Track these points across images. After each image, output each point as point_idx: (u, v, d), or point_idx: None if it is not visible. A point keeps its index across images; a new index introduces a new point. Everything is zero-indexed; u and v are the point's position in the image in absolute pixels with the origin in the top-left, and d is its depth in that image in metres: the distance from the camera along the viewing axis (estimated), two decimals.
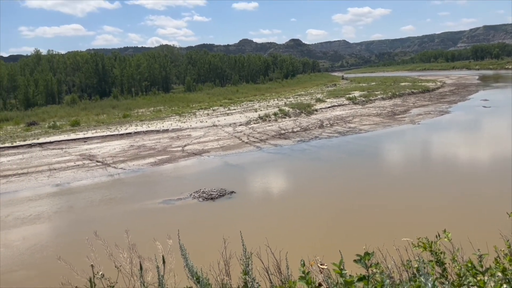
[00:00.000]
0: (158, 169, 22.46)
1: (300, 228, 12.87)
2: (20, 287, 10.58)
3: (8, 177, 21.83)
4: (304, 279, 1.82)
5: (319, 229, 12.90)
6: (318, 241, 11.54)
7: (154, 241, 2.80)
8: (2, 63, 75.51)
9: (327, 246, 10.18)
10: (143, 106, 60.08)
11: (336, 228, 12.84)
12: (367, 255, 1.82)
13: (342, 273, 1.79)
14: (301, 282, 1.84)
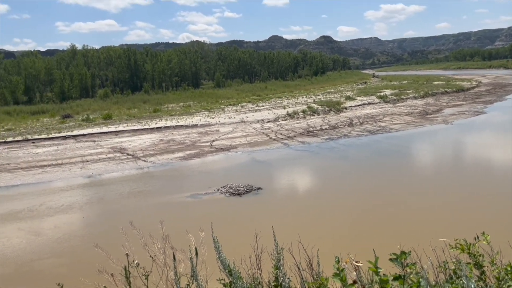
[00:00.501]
0: (187, 163, 22.73)
1: (329, 226, 12.76)
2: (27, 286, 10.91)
3: (43, 168, 22.59)
4: (339, 276, 1.79)
5: (348, 227, 12.75)
6: (348, 239, 11.41)
7: (187, 233, 2.82)
8: (40, 57, 78.13)
9: (356, 244, 10.05)
10: (173, 101, 60.92)
11: (366, 227, 12.65)
12: (403, 254, 1.77)
13: (377, 272, 1.74)
14: (335, 279, 1.81)
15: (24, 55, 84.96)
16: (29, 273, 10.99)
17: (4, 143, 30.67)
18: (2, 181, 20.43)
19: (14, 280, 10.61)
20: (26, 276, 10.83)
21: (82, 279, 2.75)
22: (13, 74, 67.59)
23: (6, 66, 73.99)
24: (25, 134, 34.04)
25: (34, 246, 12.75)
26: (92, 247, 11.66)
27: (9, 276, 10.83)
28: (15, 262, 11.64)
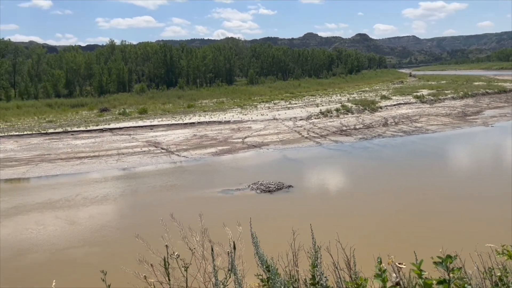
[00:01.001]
0: (219, 159, 22.93)
1: (363, 226, 12.55)
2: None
3: (81, 159, 23.36)
4: (380, 277, 1.75)
5: (382, 229, 12.50)
6: (383, 240, 11.18)
7: (224, 226, 2.84)
8: (80, 52, 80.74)
9: (391, 246, 9.84)
10: (207, 97, 61.57)
11: (401, 230, 12.37)
12: (448, 258, 1.70)
13: (421, 274, 1.69)
14: (377, 280, 1.77)
15: (65, 50, 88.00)
16: (63, 261, 11.37)
17: (46, 134, 31.91)
18: (43, 170, 21.27)
19: (48, 267, 11.02)
20: (60, 264, 11.21)
21: (124, 268, 2.81)
22: (55, 68, 70.17)
23: (49, 60, 76.90)
24: (65, 126, 35.29)
25: (68, 234, 13.20)
26: (125, 237, 12.02)
27: (45, 263, 11.26)
28: (50, 249, 12.10)
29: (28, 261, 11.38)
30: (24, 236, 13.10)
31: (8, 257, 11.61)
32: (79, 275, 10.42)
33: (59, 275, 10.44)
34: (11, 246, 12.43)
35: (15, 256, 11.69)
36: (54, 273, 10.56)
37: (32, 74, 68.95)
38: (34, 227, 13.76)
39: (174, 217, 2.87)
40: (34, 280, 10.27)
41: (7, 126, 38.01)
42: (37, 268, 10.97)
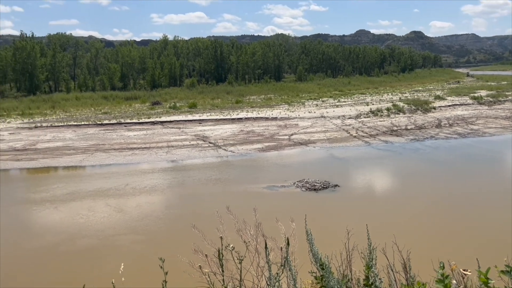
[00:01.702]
0: (264, 155, 22.99)
1: (416, 230, 12.13)
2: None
3: (133, 150, 24.24)
4: (442, 283, 1.66)
5: (437, 234, 12.01)
6: (438, 246, 10.74)
7: (277, 221, 2.83)
8: (135, 47, 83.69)
9: (449, 252, 9.45)
10: (255, 93, 61.87)
11: (457, 236, 11.84)
12: None
13: (488, 282, 1.59)
14: (438, 285, 1.68)
15: (121, 45, 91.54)
16: (109, 247, 11.85)
17: (101, 125, 33.41)
18: (98, 160, 22.29)
19: (97, 252, 11.52)
20: (106, 249, 11.70)
21: (180, 257, 2.87)
22: (112, 62, 73.17)
23: (106, 54, 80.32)
24: (119, 118, 36.77)
25: (116, 222, 13.74)
26: (170, 227, 12.31)
27: (92, 248, 11.79)
28: (98, 235, 12.66)
29: (77, 245, 11.97)
30: (76, 221, 13.80)
31: (60, 241, 12.29)
32: (123, 261, 10.83)
33: (104, 261, 10.90)
34: (64, 230, 13.15)
35: (66, 240, 12.35)
36: (100, 259, 11.05)
37: (90, 67, 72.31)
38: (86, 213, 14.46)
39: (230, 210, 2.90)
40: (81, 264, 10.79)
41: (66, 116, 40.17)
42: (85, 253, 11.51)
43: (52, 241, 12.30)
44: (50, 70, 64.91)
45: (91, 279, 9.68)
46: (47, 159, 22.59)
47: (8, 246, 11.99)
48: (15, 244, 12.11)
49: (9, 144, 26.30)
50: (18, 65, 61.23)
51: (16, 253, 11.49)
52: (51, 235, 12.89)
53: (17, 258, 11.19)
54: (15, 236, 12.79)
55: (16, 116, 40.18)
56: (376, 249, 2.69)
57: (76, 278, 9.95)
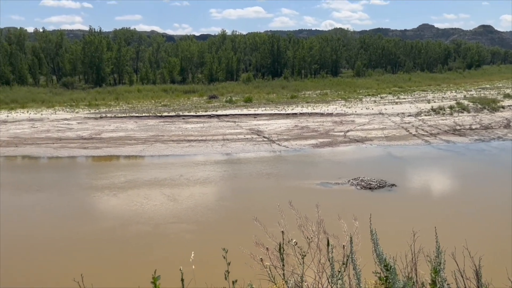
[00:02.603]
0: (319, 151, 22.77)
1: (483, 235, 11.48)
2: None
3: (190, 142, 24.95)
4: None
5: (509, 240, 11.32)
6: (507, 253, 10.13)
7: (339, 218, 2.82)
8: (194, 41, 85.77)
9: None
10: (311, 88, 61.27)
11: None
12: None
13: None
14: None
15: (181, 39, 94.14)
16: (161, 234, 12.30)
17: (161, 117, 34.68)
18: (157, 150, 23.19)
19: (150, 238, 12.00)
20: (157, 236, 12.15)
21: (241, 248, 2.94)
22: (172, 56, 75.55)
23: (166, 49, 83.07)
24: (177, 111, 37.96)
25: (169, 210, 14.22)
26: (220, 219, 12.52)
27: (145, 234, 12.29)
28: (151, 222, 13.18)
29: (132, 230, 12.57)
30: (132, 208, 14.49)
31: (117, 225, 12.97)
32: (173, 249, 11.22)
33: (154, 248, 11.34)
34: (121, 215, 13.87)
35: (122, 225, 13.02)
36: (150, 245, 11.49)
37: (152, 61, 75.13)
38: (141, 201, 15.12)
39: (292, 205, 2.92)
40: (133, 249, 11.29)
41: (129, 107, 42.08)
42: (138, 238, 12.05)
43: (110, 225, 13.02)
44: (115, 64, 68.26)
45: (140, 264, 10.15)
46: (110, 148, 23.83)
47: (71, 228, 12.83)
48: (78, 226, 12.93)
49: (77, 133, 28.05)
50: (87, 59, 64.97)
51: (77, 235, 12.26)
52: (109, 220, 13.65)
53: (78, 240, 11.95)
54: (78, 219, 13.66)
55: (84, 107, 42.70)
56: (444, 252, 2.59)
57: (127, 262, 10.46)
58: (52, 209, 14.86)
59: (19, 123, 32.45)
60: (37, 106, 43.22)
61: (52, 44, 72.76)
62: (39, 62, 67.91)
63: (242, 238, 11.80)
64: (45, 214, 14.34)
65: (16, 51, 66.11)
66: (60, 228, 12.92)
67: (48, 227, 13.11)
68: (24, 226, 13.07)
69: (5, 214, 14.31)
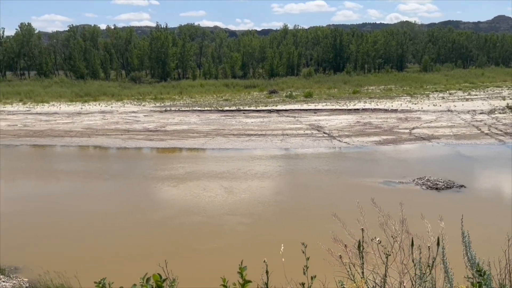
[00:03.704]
0: (382, 148, 22.02)
1: None
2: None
3: (250, 136, 25.17)
4: None
5: None
6: None
7: (423, 218, 2.68)
8: (256, 36, 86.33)
9: None
10: (374, 83, 59.44)
11: None
12: None
13: None
14: None
15: (243, 34, 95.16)
16: (216, 225, 12.50)
17: (222, 111, 35.33)
18: (218, 143, 23.65)
19: (204, 228, 12.23)
20: (212, 227, 12.38)
21: (319, 243, 2.88)
22: (234, 51, 76.65)
23: (229, 44, 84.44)
24: (238, 105, 38.47)
25: (225, 203, 14.40)
26: (274, 213, 12.44)
27: (201, 224, 12.56)
28: (207, 213, 13.45)
29: (189, 220, 12.92)
30: (190, 199, 14.91)
31: (175, 215, 13.41)
32: (225, 240, 11.37)
33: (208, 238, 11.54)
34: (179, 205, 14.33)
35: (180, 215, 13.43)
36: (205, 235, 11.71)
37: (214, 56, 76.72)
38: (199, 192, 15.50)
39: (375, 203, 2.81)
40: (189, 239, 11.56)
41: (192, 101, 43.32)
42: (194, 228, 12.35)
43: (169, 214, 13.49)
44: (180, 59, 70.52)
45: (194, 253, 10.39)
46: (174, 140, 24.67)
47: (133, 215, 13.44)
48: (139, 214, 13.52)
49: (143, 125, 29.34)
50: (153, 54, 67.72)
51: (139, 222, 12.82)
52: (168, 209, 14.15)
53: (139, 227, 12.48)
54: (140, 207, 14.28)
55: (150, 100, 44.57)
56: None
57: (181, 249, 10.73)
58: (118, 197, 15.67)
59: (92, 115, 34.55)
60: (108, 99, 45.80)
61: (122, 40, 76.65)
62: (110, 58, 71.88)
63: (296, 233, 11.78)
64: (113, 200, 15.16)
65: (90, 47, 70.43)
66: (124, 214, 13.58)
67: (114, 213, 13.83)
68: (94, 210, 13.90)
69: (80, 199, 15.32)
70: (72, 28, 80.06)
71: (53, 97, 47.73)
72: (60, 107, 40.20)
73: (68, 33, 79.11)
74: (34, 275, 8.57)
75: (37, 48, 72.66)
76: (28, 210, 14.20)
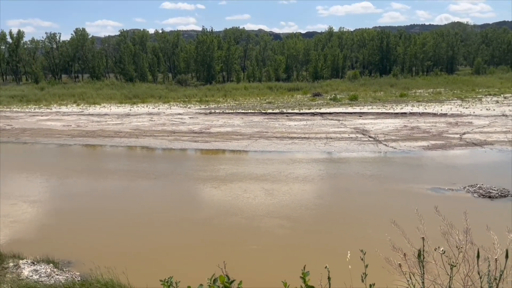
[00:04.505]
0: (430, 153, 21.26)
1: None
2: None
3: (293, 139, 25.10)
4: None
5: None
6: None
7: (488, 229, 2.59)
8: (300, 39, 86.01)
9: None
10: (422, 86, 57.57)
11: None
12: None
13: None
14: None
15: (288, 37, 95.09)
16: (254, 227, 12.48)
17: (265, 114, 35.47)
18: (261, 146, 23.75)
19: (243, 229, 12.25)
20: (251, 228, 12.38)
21: (378, 251, 2.85)
22: (278, 54, 76.75)
23: (273, 47, 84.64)
24: (281, 108, 38.46)
25: (264, 205, 14.36)
26: (314, 217, 12.26)
27: (239, 226, 12.58)
28: (245, 214, 13.44)
29: (227, 221, 13.01)
30: (230, 200, 15.03)
31: (215, 215, 13.55)
32: (261, 242, 11.36)
33: (247, 239, 11.56)
34: (219, 206, 14.49)
35: (219, 215, 13.56)
36: (243, 236, 11.74)
37: (258, 59, 77.17)
38: (239, 194, 15.59)
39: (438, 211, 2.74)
40: (226, 239, 11.63)
41: (235, 104, 43.79)
42: (232, 228, 12.42)
43: (208, 215, 13.67)
44: (224, 62, 71.54)
45: (232, 254, 10.45)
46: (218, 142, 25.03)
47: (176, 214, 13.74)
48: (181, 212, 13.81)
49: (189, 127, 29.99)
50: (199, 57, 69.13)
51: (181, 221, 13.09)
52: (208, 209, 14.34)
53: (181, 225, 12.74)
54: (182, 206, 14.58)
55: (195, 102, 45.51)
56: None
57: (219, 251, 10.82)
58: (163, 196, 16.10)
59: (140, 117, 35.74)
60: (155, 101, 47.21)
61: (169, 44, 78.81)
62: (157, 61, 74.11)
63: (335, 239, 11.60)
64: (158, 199, 15.59)
65: (139, 51, 72.95)
66: (167, 213, 13.93)
67: (159, 211, 14.21)
68: (141, 209, 14.35)
69: (128, 197, 15.90)
70: (122, 32, 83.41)
71: (104, 99, 49.86)
72: (111, 108, 41.89)
73: (119, 38, 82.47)
74: (86, 269, 8.96)
75: (90, 52, 76.19)
76: (81, 207, 14.89)
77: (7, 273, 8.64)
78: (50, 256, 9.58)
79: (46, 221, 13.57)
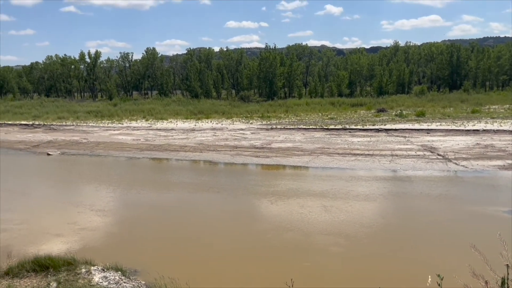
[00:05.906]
0: (506, 173, 19.77)
1: None
2: None
3: (356, 156, 24.52)
4: None
5: None
6: None
7: None
8: (364, 54, 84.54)
9: None
10: (497, 102, 53.90)
11: None
12: None
13: None
14: None
15: (351, 52, 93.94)
16: (310, 244, 12.27)
17: (327, 130, 35.06)
18: (322, 162, 23.47)
19: (298, 246, 12.02)
20: (306, 245, 12.16)
21: (456, 277, 2.72)
22: (341, 70, 75.89)
23: (336, 62, 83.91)
24: (344, 124, 37.82)
25: (321, 222, 14.06)
26: (377, 238, 11.79)
27: (296, 241, 12.35)
28: (302, 231, 13.19)
29: (282, 237, 12.91)
30: (286, 215, 14.97)
31: (269, 230, 13.52)
32: (314, 260, 11.08)
33: (303, 257, 11.31)
34: (274, 221, 14.44)
35: (274, 229, 13.54)
36: (299, 253, 11.51)
37: (321, 74, 76.75)
38: (296, 210, 15.44)
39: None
40: (282, 254, 11.45)
41: (297, 120, 43.75)
42: (287, 244, 12.25)
43: (263, 228, 13.65)
44: (287, 78, 71.98)
45: (285, 270, 10.26)
46: (279, 157, 25.09)
47: (233, 226, 13.87)
48: (238, 225, 13.91)
49: (250, 142, 30.40)
50: (262, 74, 70.16)
51: (236, 233, 13.17)
52: (263, 223, 14.33)
53: (237, 238, 12.82)
54: (239, 219, 14.70)
55: (257, 118, 46.09)
56: None
57: (274, 264, 10.68)
58: (223, 209, 16.36)
59: (204, 132, 36.85)
60: (219, 117, 48.47)
61: (233, 61, 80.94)
62: (222, 78, 76.27)
63: (392, 262, 11.03)
64: (220, 212, 15.87)
65: (204, 68, 75.67)
66: (225, 225, 14.11)
67: (219, 224, 14.44)
68: (204, 220, 14.69)
69: (193, 209, 16.38)
70: (189, 51, 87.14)
71: (171, 114, 52.07)
72: (177, 123, 43.64)
73: (186, 56, 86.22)
74: (151, 278, 9.28)
75: (159, 70, 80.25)
76: (147, 217, 15.56)
77: (79, 279, 9.16)
78: (118, 264, 10.04)
79: (113, 229, 14.32)
